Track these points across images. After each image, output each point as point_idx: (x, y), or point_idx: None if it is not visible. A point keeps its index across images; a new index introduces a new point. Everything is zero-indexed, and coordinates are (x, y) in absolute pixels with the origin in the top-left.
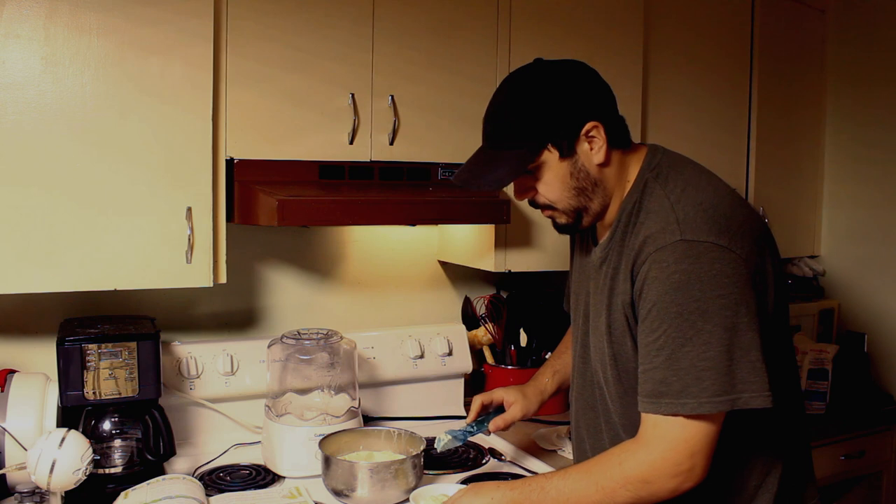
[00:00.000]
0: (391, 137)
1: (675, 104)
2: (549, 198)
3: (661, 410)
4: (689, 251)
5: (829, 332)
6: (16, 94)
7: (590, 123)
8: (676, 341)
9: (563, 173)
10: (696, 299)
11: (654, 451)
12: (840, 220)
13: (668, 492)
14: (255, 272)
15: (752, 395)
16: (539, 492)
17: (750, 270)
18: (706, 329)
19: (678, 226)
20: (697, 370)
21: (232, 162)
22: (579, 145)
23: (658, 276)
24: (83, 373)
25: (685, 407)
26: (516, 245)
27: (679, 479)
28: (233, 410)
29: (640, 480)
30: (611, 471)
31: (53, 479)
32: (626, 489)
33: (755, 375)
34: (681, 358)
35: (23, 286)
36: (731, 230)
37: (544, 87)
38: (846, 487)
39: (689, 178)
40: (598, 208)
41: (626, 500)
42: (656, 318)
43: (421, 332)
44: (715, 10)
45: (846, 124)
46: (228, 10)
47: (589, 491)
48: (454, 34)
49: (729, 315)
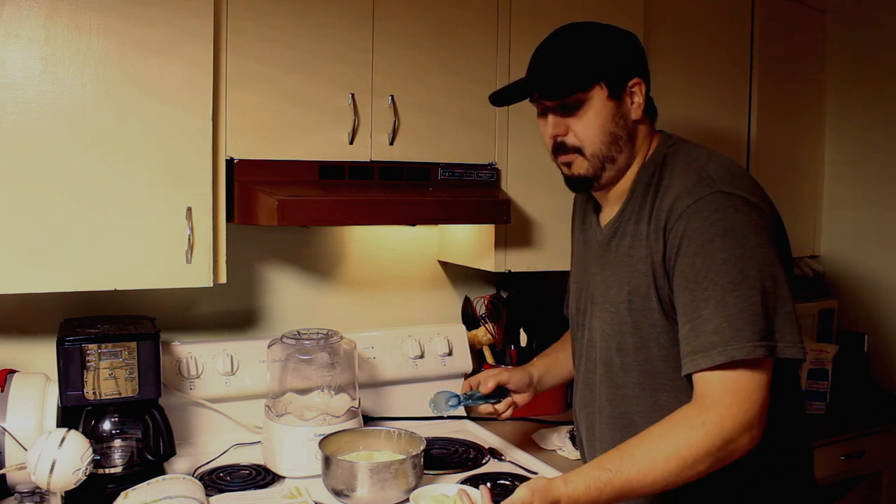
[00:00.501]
0: (391, 137)
1: (675, 104)
2: (581, 138)
3: (715, 361)
4: (728, 202)
5: (828, 332)
6: (16, 94)
7: (636, 79)
8: (725, 287)
9: (606, 114)
10: (742, 246)
11: (723, 407)
12: (840, 220)
13: (744, 448)
14: (255, 272)
15: (786, 344)
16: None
17: (780, 230)
18: (752, 275)
19: (712, 181)
20: (748, 314)
21: (232, 162)
22: (625, 95)
23: (700, 226)
24: (83, 373)
25: (741, 351)
26: (516, 245)
27: (753, 432)
28: (233, 410)
29: (722, 442)
30: (689, 440)
31: (53, 479)
32: (708, 455)
33: (790, 326)
34: (730, 303)
35: (23, 286)
36: (758, 192)
37: (602, 34)
38: (846, 487)
39: (709, 151)
40: (622, 164)
41: (706, 468)
42: (701, 269)
43: (421, 332)
44: (715, 10)
45: (846, 124)
46: (228, 10)
47: (668, 465)
48: (454, 34)
49: (769, 264)
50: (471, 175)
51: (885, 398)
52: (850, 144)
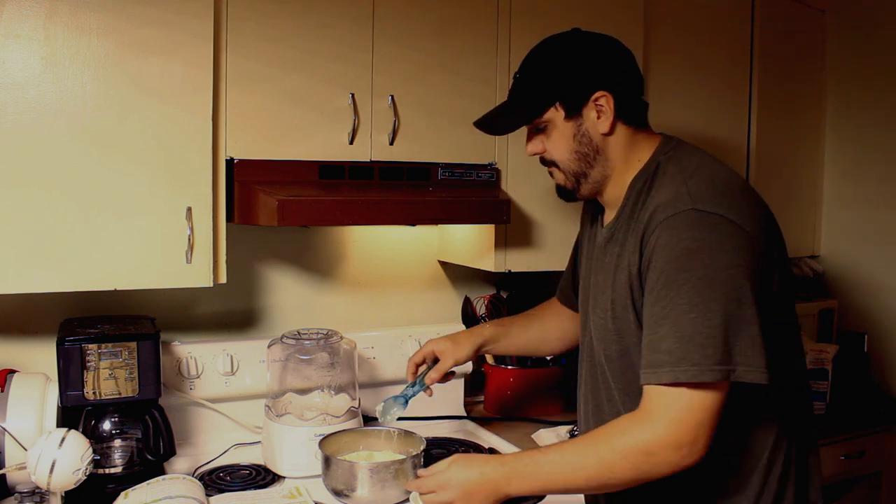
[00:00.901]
0: (391, 137)
1: (675, 104)
2: (553, 156)
3: (662, 380)
4: (700, 220)
5: (828, 331)
6: (16, 94)
7: (600, 92)
8: (681, 308)
9: (568, 134)
10: (705, 266)
11: (658, 421)
12: (840, 220)
13: (669, 466)
14: (255, 272)
15: (747, 368)
16: (532, 465)
17: (757, 249)
18: (712, 297)
19: (690, 197)
20: (701, 337)
21: (232, 162)
22: (587, 110)
23: (668, 243)
24: (83, 373)
25: (685, 374)
26: (516, 245)
27: (682, 451)
28: (233, 410)
29: (641, 452)
30: (610, 442)
31: (53, 479)
32: (626, 460)
33: (753, 350)
34: (685, 325)
35: (23, 286)
36: (741, 208)
37: (567, 50)
38: (846, 487)
39: (702, 160)
40: (598, 177)
41: (625, 474)
42: (664, 286)
43: (421, 332)
44: (715, 10)
45: (846, 124)
46: (228, 11)
47: (587, 463)
48: (454, 34)
49: (734, 287)
50: (471, 175)
51: (885, 398)
52: (850, 144)
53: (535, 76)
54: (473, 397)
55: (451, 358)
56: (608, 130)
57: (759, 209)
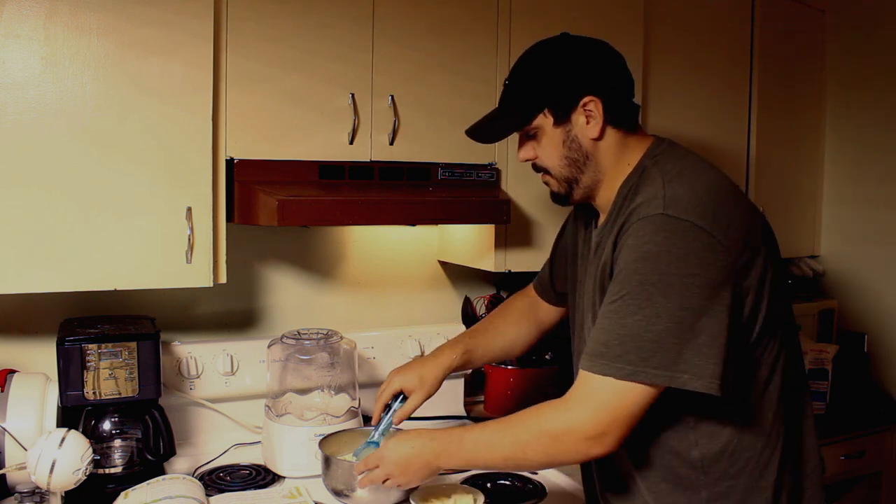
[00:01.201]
0: (391, 137)
1: (675, 104)
2: (544, 163)
3: (595, 369)
4: (667, 225)
5: (828, 332)
6: (16, 94)
7: (588, 97)
8: (629, 308)
9: (557, 141)
10: (660, 273)
11: (574, 408)
12: (840, 220)
13: (575, 454)
14: (255, 272)
15: (691, 377)
16: (457, 442)
17: (730, 259)
18: (661, 303)
19: (663, 201)
20: (641, 340)
21: (232, 162)
22: (575, 116)
23: (633, 244)
24: (83, 373)
25: (619, 371)
26: (516, 245)
27: (589, 442)
28: (233, 410)
29: (551, 436)
30: (526, 423)
31: (53, 479)
32: (537, 442)
33: (701, 359)
34: (629, 325)
35: (23, 286)
36: (717, 216)
37: (555, 55)
38: (846, 487)
39: (688, 164)
40: (589, 182)
41: (536, 456)
42: (618, 283)
43: (421, 332)
44: (715, 10)
45: (846, 124)
46: (228, 11)
47: (504, 442)
48: (454, 34)
49: (688, 296)
50: (471, 175)
51: (885, 398)
52: (850, 144)
53: (524, 83)
54: (473, 397)
55: (420, 396)
56: (598, 135)
57: (745, 217)
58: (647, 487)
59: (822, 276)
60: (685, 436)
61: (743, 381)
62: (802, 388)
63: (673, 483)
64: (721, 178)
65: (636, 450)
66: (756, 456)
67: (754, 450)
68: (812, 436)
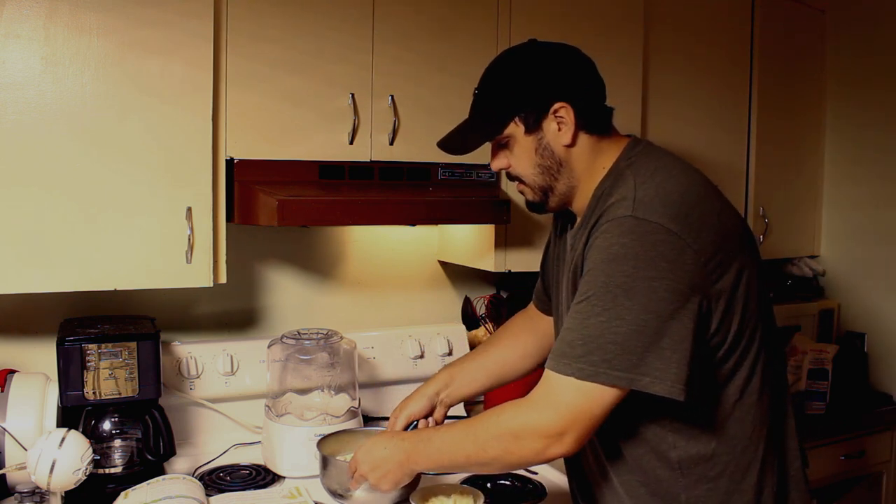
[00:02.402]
0: (391, 137)
1: (675, 105)
2: (517, 171)
3: (558, 368)
4: (635, 228)
5: (828, 332)
6: (16, 94)
7: (559, 103)
8: (594, 309)
9: (529, 148)
10: (626, 275)
11: (534, 407)
12: (840, 220)
13: (533, 453)
14: (255, 272)
15: (653, 380)
16: (425, 443)
17: (699, 261)
18: (625, 305)
19: (633, 203)
20: (603, 341)
21: (232, 162)
22: (546, 123)
23: (600, 245)
24: (83, 373)
25: (581, 372)
26: (516, 245)
27: (547, 441)
28: (233, 410)
29: (510, 434)
30: (488, 422)
31: (53, 479)
32: (497, 440)
33: (663, 363)
34: (592, 326)
35: (23, 286)
36: (689, 219)
37: (523, 63)
38: (846, 487)
39: (662, 165)
40: (564, 189)
41: (495, 453)
42: (585, 284)
43: (421, 332)
44: (715, 10)
45: (846, 125)
46: (228, 11)
47: (465, 441)
48: (454, 35)
49: (654, 299)
50: (471, 175)
51: (885, 398)
52: (850, 144)
53: (493, 92)
54: None
55: (403, 412)
56: (570, 142)
57: (720, 220)
58: (626, 491)
59: (822, 276)
60: (663, 437)
61: (717, 385)
62: (783, 391)
63: (652, 486)
64: (697, 180)
65: (614, 450)
66: (735, 459)
67: (733, 453)
68: (793, 437)
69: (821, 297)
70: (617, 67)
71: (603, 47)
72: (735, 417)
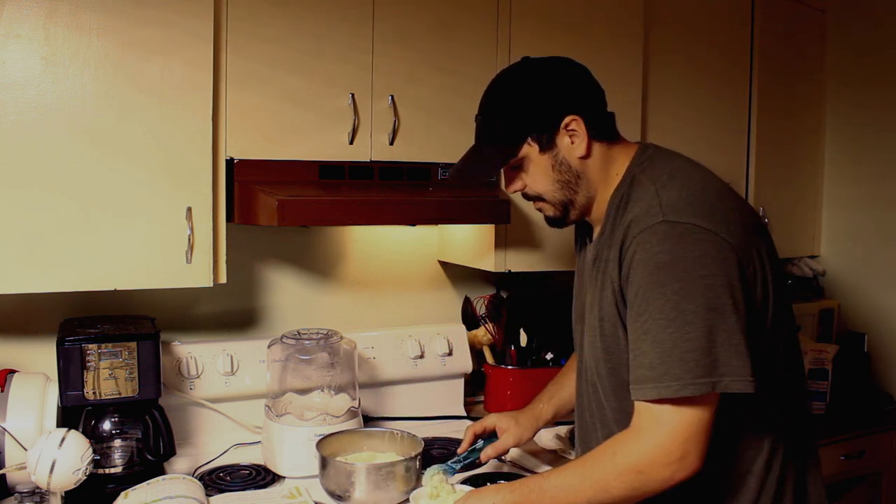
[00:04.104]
0: (391, 137)
1: (675, 105)
2: (536, 190)
3: (647, 396)
4: (671, 231)
5: (829, 332)
6: (16, 94)
7: (569, 117)
8: (660, 323)
9: (546, 166)
10: (680, 279)
11: (645, 438)
12: (840, 220)
13: (661, 481)
14: (255, 272)
15: (732, 378)
16: (538, 492)
17: (737, 255)
18: (689, 310)
19: (661, 208)
20: (680, 351)
21: (232, 162)
22: (559, 139)
23: (642, 257)
24: (83, 373)
25: (668, 389)
26: (516, 245)
27: (672, 467)
28: (233, 410)
29: (632, 470)
30: (603, 463)
31: (53, 479)
32: (619, 480)
33: (737, 359)
34: (664, 340)
35: (23, 286)
36: (715, 215)
37: (525, 83)
38: (846, 487)
39: (677, 168)
40: (584, 201)
41: (621, 493)
42: (642, 301)
43: (421, 332)
44: (715, 10)
45: (846, 125)
46: (228, 11)
47: (584, 485)
48: (454, 35)
49: (712, 296)
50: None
51: (885, 398)
52: (850, 144)
53: (500, 116)
54: (473, 397)
55: (513, 438)
56: (585, 153)
57: (740, 214)
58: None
59: (822, 276)
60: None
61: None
62: (801, 394)
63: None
64: (711, 176)
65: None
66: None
67: (749, 455)
68: (812, 440)
69: (821, 297)
70: (617, 67)
71: (603, 47)
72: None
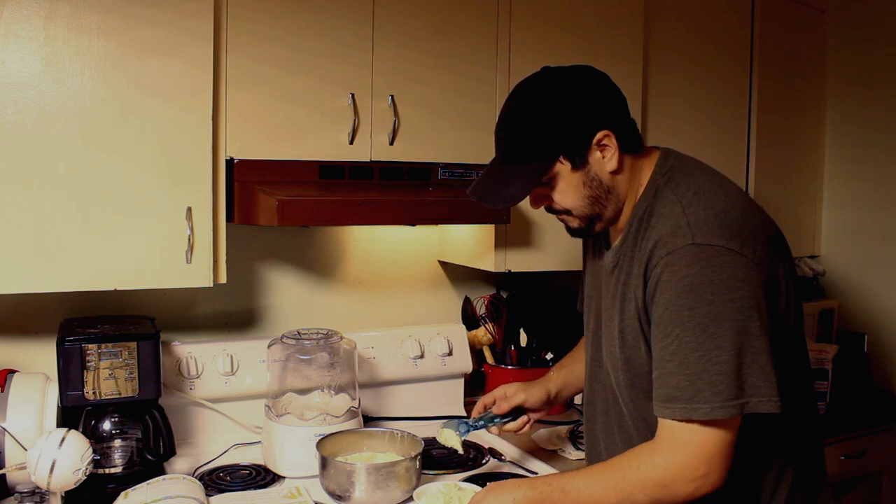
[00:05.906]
0: (391, 137)
1: (675, 105)
2: (564, 206)
3: (676, 416)
4: (700, 255)
5: (829, 332)
6: (16, 94)
7: (601, 132)
8: (688, 346)
9: (577, 183)
10: (708, 303)
11: (671, 455)
12: (840, 220)
13: (685, 496)
14: (255, 272)
15: (760, 399)
16: (559, 493)
17: (762, 275)
18: (718, 333)
19: (689, 229)
20: (710, 375)
21: (232, 162)
22: (591, 154)
23: (670, 279)
24: (83, 373)
25: (697, 412)
26: (516, 245)
27: (696, 483)
28: (233, 410)
29: (657, 484)
30: (629, 473)
31: (53, 479)
32: (643, 492)
33: (764, 380)
34: (693, 363)
35: (23, 286)
36: (742, 234)
37: (553, 99)
38: (846, 487)
39: (701, 183)
40: (612, 214)
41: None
42: (669, 323)
43: (421, 332)
44: (715, 10)
45: (846, 124)
46: (228, 11)
47: (608, 493)
48: (454, 34)
49: (740, 319)
50: (471, 175)
51: (885, 398)
52: (850, 144)
53: (528, 134)
54: (473, 397)
55: (521, 393)
56: (617, 168)
57: (764, 231)
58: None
59: (822, 276)
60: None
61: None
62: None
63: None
64: (733, 190)
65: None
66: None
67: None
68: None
69: (821, 297)
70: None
71: (603, 47)
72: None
